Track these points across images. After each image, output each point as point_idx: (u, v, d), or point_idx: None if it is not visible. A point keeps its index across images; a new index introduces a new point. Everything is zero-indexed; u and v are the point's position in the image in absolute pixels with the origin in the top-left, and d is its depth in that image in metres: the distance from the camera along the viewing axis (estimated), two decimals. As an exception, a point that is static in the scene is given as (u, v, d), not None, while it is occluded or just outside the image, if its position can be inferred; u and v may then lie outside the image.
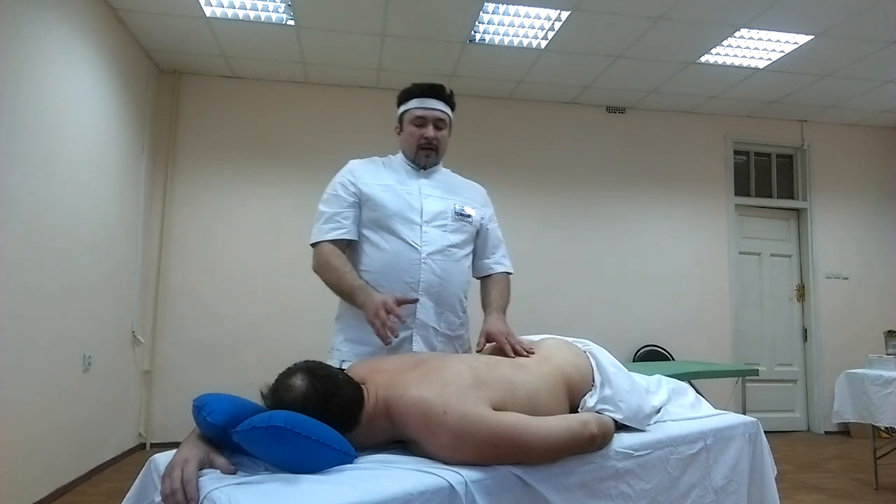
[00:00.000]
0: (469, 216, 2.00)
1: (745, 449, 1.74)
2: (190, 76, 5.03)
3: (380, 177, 1.95)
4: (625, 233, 5.59)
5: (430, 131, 1.96)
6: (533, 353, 1.64)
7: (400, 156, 2.05)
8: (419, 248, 1.86)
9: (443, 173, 2.07)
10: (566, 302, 5.37)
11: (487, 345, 1.76)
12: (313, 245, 1.91)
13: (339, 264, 1.83)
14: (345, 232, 1.89)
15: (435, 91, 1.98)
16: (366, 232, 1.90)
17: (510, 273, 2.10)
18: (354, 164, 2.00)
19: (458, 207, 1.99)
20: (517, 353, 1.64)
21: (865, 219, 6.01)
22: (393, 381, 1.36)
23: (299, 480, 1.11)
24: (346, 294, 1.80)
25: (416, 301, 1.79)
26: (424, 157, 1.98)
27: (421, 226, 1.89)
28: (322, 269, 1.86)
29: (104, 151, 3.99)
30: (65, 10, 3.39)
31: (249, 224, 4.93)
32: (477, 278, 2.08)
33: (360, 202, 1.91)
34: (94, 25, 3.76)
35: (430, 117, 1.96)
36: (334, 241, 1.87)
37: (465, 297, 1.98)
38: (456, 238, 1.95)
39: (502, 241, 2.15)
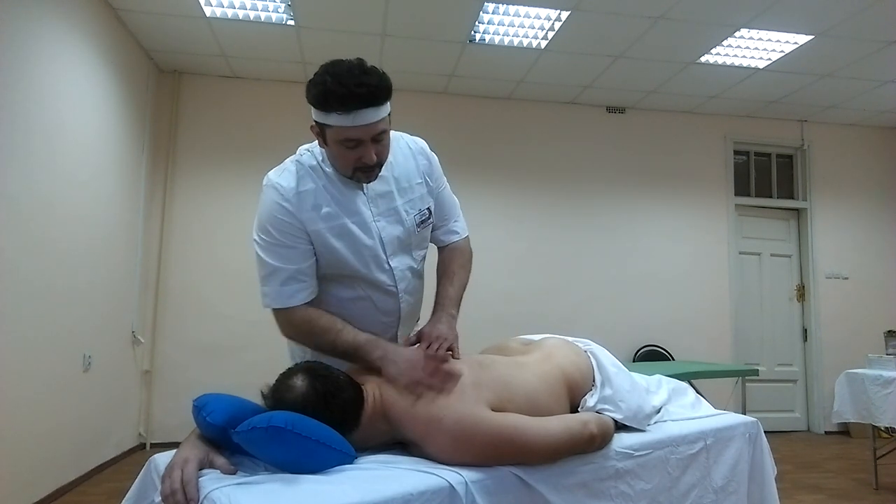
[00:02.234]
0: (429, 218, 1.68)
1: (745, 449, 1.73)
2: (190, 76, 5.03)
3: (320, 207, 1.51)
4: (625, 233, 5.59)
5: (369, 155, 1.44)
6: (454, 357, 1.45)
7: (326, 157, 1.55)
8: (395, 287, 1.61)
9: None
10: (566, 302, 5.37)
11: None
12: (273, 308, 1.53)
13: (329, 324, 1.50)
14: (312, 291, 1.54)
15: (368, 99, 1.38)
16: (324, 277, 1.58)
17: (466, 236, 1.81)
18: (286, 193, 1.50)
19: (417, 217, 1.63)
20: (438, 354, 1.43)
21: (865, 219, 6.01)
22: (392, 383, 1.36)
23: (299, 480, 1.12)
24: (348, 355, 1.48)
25: (447, 357, 1.43)
26: (365, 178, 1.51)
27: (388, 260, 1.59)
28: (305, 334, 1.53)
29: (104, 151, 3.98)
30: (65, 10, 3.39)
31: (249, 224, 4.86)
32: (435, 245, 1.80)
33: (312, 244, 1.53)
34: (94, 25, 3.76)
35: (368, 136, 1.42)
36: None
37: None
38: (419, 254, 1.69)
39: (455, 204, 1.80)
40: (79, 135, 3.61)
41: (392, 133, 1.61)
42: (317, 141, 1.54)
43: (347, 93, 1.36)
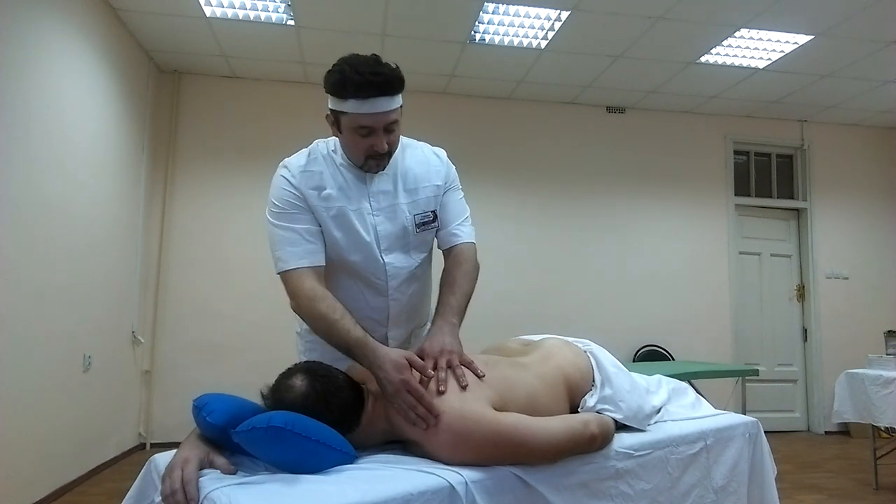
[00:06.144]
0: (433, 221, 1.66)
1: (745, 449, 1.73)
2: (190, 76, 5.03)
3: (322, 188, 1.57)
4: (625, 233, 5.59)
5: (381, 143, 1.50)
6: (443, 391, 1.31)
7: (338, 148, 1.62)
8: (385, 283, 1.62)
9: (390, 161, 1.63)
10: (566, 302, 5.37)
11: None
12: (283, 273, 1.53)
13: (327, 309, 1.44)
14: (321, 257, 1.54)
15: (383, 87, 1.45)
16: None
17: (470, 242, 1.71)
18: (293, 170, 1.57)
19: (418, 217, 1.63)
20: (441, 379, 1.34)
21: (865, 219, 6.01)
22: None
23: (299, 480, 1.12)
24: (342, 350, 1.43)
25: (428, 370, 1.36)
26: (376, 165, 1.56)
27: (381, 255, 1.60)
28: (304, 311, 1.49)
29: (104, 151, 3.98)
30: (65, 10, 3.39)
31: (249, 224, 4.93)
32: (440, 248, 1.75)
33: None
34: (94, 25, 3.76)
35: (381, 125, 1.48)
36: (311, 268, 1.51)
37: (430, 298, 1.75)
38: (419, 256, 1.68)
39: (463, 211, 1.73)
40: (79, 135, 3.61)
41: (413, 141, 1.73)
42: (332, 132, 1.59)
43: (364, 81, 1.43)
